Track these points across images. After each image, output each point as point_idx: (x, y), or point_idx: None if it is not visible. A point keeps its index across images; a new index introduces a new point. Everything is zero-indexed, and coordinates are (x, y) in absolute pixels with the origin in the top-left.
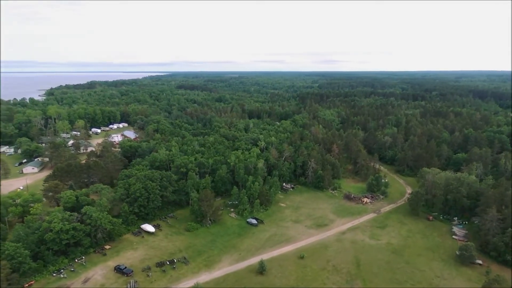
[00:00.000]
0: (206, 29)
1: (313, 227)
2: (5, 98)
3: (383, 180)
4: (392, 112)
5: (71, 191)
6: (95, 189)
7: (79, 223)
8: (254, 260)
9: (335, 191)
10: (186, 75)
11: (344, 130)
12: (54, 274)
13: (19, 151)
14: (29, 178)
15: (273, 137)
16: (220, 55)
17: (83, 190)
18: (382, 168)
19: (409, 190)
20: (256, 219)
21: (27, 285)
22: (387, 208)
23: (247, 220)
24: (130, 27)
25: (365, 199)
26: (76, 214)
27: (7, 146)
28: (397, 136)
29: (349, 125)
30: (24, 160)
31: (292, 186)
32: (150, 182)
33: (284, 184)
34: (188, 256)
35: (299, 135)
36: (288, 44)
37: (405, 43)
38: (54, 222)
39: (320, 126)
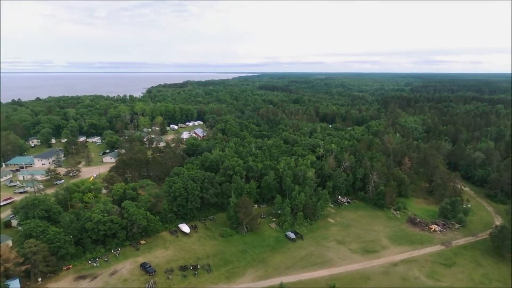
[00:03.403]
0: (299, 29)
1: (358, 252)
2: (111, 94)
3: (463, 205)
4: (495, 122)
5: (122, 184)
6: (142, 184)
7: (116, 216)
8: (278, 280)
9: (397, 211)
10: (273, 76)
11: (426, 141)
12: (90, 262)
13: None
14: (106, 167)
15: (333, 144)
16: (311, 56)
17: (131, 184)
18: (466, 189)
19: (498, 221)
20: (296, 233)
21: (65, 268)
22: (461, 241)
23: (286, 233)
24: (226, 30)
25: (434, 226)
26: (116, 207)
27: (99, 137)
28: (493, 152)
29: (435, 135)
30: (107, 151)
31: (348, 200)
32: (192, 182)
33: (339, 197)
34: (213, 264)
35: (367, 144)
36: (382, 43)
37: None
38: (95, 213)
39: (397, 134)
